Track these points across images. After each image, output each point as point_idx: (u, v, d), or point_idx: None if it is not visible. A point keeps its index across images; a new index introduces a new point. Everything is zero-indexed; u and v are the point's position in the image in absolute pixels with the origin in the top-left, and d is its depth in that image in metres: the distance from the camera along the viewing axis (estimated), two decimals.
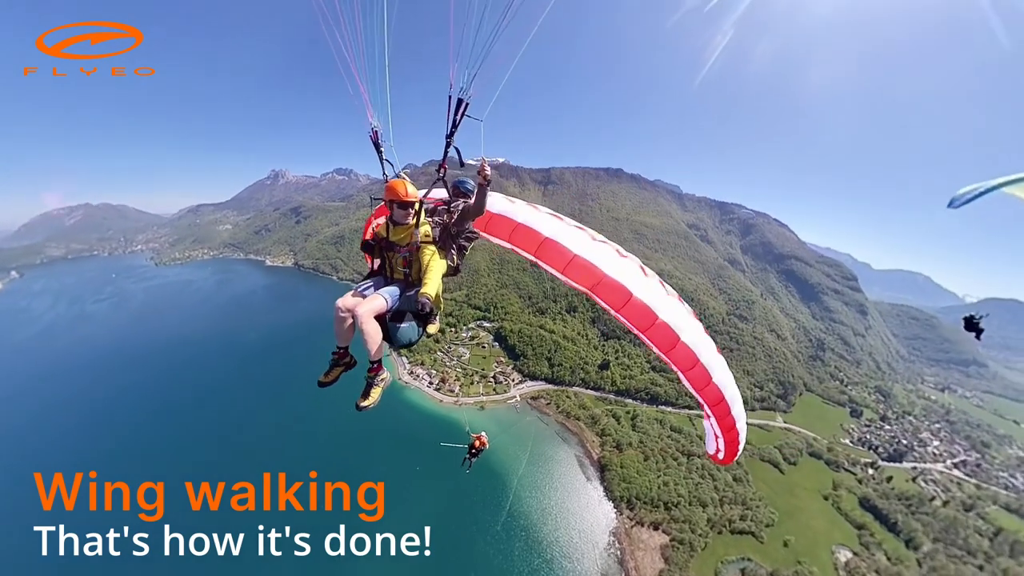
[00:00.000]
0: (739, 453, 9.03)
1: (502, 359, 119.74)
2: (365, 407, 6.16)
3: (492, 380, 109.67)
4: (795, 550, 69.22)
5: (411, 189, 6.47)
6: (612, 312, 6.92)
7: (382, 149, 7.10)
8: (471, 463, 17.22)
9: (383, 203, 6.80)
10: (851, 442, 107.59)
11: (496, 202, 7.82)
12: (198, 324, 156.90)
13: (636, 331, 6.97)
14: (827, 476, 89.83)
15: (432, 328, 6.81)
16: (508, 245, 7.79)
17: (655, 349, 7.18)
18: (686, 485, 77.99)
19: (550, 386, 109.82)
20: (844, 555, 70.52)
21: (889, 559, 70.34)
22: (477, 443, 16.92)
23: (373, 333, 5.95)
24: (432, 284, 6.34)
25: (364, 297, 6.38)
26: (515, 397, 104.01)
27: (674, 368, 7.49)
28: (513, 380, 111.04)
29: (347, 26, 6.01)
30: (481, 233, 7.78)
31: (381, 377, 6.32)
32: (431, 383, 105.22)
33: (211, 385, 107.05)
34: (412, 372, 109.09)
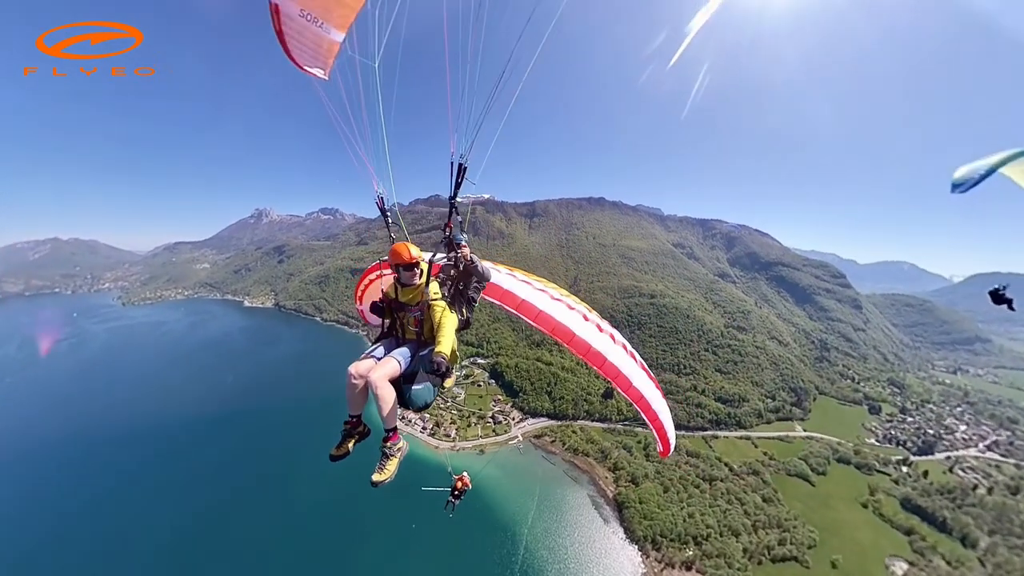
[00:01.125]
0: (672, 445, 10.60)
1: (500, 397, 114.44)
2: (380, 482, 5.75)
3: (491, 420, 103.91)
4: (845, 571, 63.43)
5: (415, 251, 6.80)
6: (564, 344, 9.37)
7: (388, 215, 7.77)
8: (454, 505, 15.97)
9: (388, 266, 7.12)
10: (877, 441, 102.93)
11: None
12: (167, 370, 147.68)
13: (579, 355, 9.37)
14: (861, 481, 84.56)
15: (449, 382, 6.76)
16: (498, 303, 9.75)
17: (592, 365, 9.52)
18: (713, 514, 72.35)
19: (553, 422, 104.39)
20: (900, 567, 64.59)
21: (948, 563, 64.58)
22: (459, 484, 15.92)
23: (388, 398, 5.79)
24: (447, 342, 6.25)
25: (376, 361, 6.31)
26: (517, 437, 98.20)
27: (607, 378, 9.74)
28: (513, 419, 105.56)
29: (354, 116, 6.73)
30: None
31: (398, 447, 6.08)
32: (424, 428, 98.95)
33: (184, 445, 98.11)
34: (403, 417, 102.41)
